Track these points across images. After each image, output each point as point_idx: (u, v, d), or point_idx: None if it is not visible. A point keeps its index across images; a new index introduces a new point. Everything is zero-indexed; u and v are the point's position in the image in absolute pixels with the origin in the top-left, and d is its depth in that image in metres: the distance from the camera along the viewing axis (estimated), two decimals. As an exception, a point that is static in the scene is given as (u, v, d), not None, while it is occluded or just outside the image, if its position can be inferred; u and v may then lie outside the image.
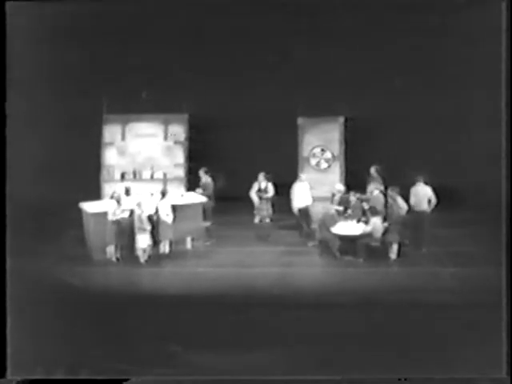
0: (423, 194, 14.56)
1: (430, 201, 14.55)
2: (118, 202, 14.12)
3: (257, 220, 15.55)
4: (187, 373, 11.21)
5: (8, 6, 12.56)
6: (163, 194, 14.59)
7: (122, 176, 16.65)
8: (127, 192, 14.78)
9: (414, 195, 14.60)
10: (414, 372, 11.14)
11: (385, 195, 14.58)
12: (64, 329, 11.80)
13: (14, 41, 12.72)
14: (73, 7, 14.58)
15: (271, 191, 15.49)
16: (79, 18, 15.08)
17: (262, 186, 15.50)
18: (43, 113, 15.67)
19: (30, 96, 14.78)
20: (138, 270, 13.87)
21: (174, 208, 14.51)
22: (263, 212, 15.53)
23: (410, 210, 14.35)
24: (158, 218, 14.25)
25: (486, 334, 11.49)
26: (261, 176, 15.49)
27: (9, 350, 11.53)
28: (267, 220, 15.61)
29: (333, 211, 14.60)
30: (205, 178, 15.79)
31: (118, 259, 14.20)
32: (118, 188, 15.13)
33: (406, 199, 14.36)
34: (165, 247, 14.45)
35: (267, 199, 15.47)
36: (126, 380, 11.25)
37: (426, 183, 14.71)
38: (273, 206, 15.54)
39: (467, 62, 15.53)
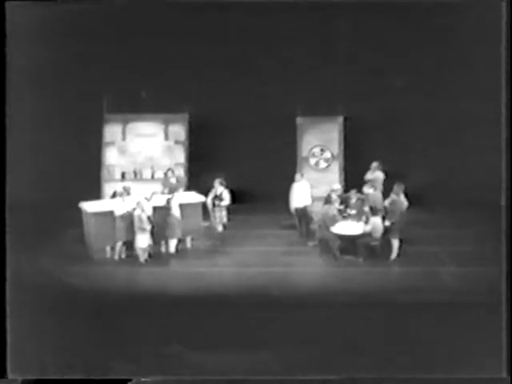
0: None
1: None
2: (127, 193, 14.30)
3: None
4: (187, 373, 11.22)
5: (8, 6, 12.56)
6: (171, 192, 14.62)
7: (123, 176, 16.63)
8: (127, 191, 14.77)
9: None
10: (414, 372, 11.14)
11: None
12: (64, 329, 11.80)
13: (14, 41, 12.72)
14: (73, 7, 14.60)
15: (227, 198, 15.32)
16: (79, 18, 15.09)
17: (218, 193, 15.38)
18: (43, 113, 15.68)
19: (30, 96, 14.80)
20: (137, 269, 13.87)
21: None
22: (216, 219, 15.41)
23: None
24: (170, 215, 14.25)
25: (486, 333, 11.49)
26: (217, 182, 15.33)
27: (9, 350, 11.54)
28: (220, 228, 15.49)
29: (334, 211, 14.57)
30: (174, 179, 15.80)
31: (120, 258, 14.21)
32: (118, 187, 15.12)
33: (407, 196, 14.41)
34: (169, 247, 14.45)
35: (222, 206, 15.33)
36: (126, 380, 11.26)
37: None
38: (228, 213, 15.46)
39: (467, 61, 15.55)
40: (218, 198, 15.32)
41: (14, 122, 12.55)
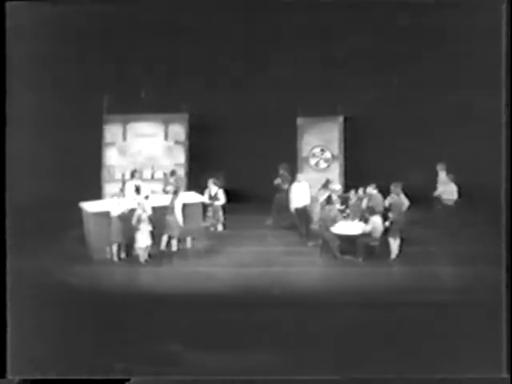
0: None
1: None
2: (138, 190, 14.43)
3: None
4: (187, 373, 11.22)
5: (8, 6, 12.57)
6: (176, 192, 14.65)
7: (132, 175, 16.45)
8: (137, 190, 14.81)
9: None
10: (414, 372, 11.14)
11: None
12: (64, 328, 11.81)
13: (14, 41, 12.72)
14: (73, 7, 14.59)
15: (222, 198, 15.43)
16: (79, 18, 15.08)
17: (212, 193, 15.44)
18: (43, 113, 15.67)
19: (30, 96, 14.79)
20: (137, 269, 13.87)
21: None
22: (213, 219, 15.49)
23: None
24: (173, 214, 14.27)
25: (486, 334, 11.49)
26: (210, 182, 15.44)
27: (9, 350, 11.54)
28: (219, 228, 15.62)
29: (335, 212, 14.57)
30: (174, 180, 15.82)
31: (120, 259, 14.22)
32: (129, 186, 15.13)
33: (407, 196, 14.42)
34: (171, 245, 14.46)
35: (217, 206, 15.42)
36: (126, 380, 11.26)
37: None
38: (224, 212, 15.52)
39: (467, 62, 15.53)
40: (214, 198, 15.36)
41: (13, 122, 12.56)
